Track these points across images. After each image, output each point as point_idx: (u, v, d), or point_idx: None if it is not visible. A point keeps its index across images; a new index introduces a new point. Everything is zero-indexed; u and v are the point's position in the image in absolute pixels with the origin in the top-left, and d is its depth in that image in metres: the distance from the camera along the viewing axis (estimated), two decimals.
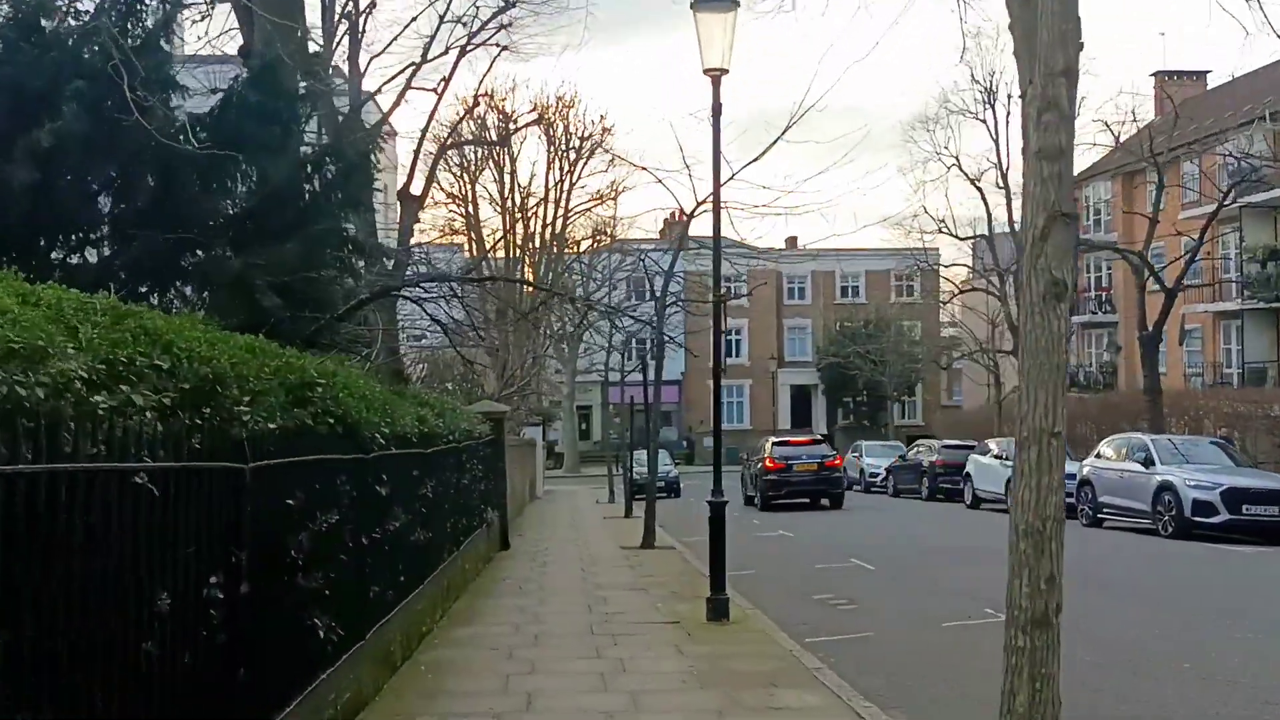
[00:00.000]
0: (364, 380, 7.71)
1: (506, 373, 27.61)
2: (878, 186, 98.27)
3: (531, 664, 8.70)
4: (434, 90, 21.52)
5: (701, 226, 27.81)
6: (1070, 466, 26.39)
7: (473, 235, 44.67)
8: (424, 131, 21.50)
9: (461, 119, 21.07)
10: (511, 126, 21.65)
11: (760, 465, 28.91)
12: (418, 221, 21.46)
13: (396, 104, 21.20)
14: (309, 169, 10.63)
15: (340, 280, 10.93)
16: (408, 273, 17.55)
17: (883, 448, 39.96)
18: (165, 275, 9.64)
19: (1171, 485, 19.89)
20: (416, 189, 21.82)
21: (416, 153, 21.54)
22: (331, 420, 6.15)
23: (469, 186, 44.08)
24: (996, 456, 27.01)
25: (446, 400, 13.82)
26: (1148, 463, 21.08)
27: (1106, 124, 38.52)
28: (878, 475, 37.05)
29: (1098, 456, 23.26)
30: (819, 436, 35.38)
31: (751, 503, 29.94)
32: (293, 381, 5.59)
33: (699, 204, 18.51)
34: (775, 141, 17.98)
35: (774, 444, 29.35)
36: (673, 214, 70.53)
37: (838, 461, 30.15)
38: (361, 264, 11.52)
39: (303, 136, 11.22)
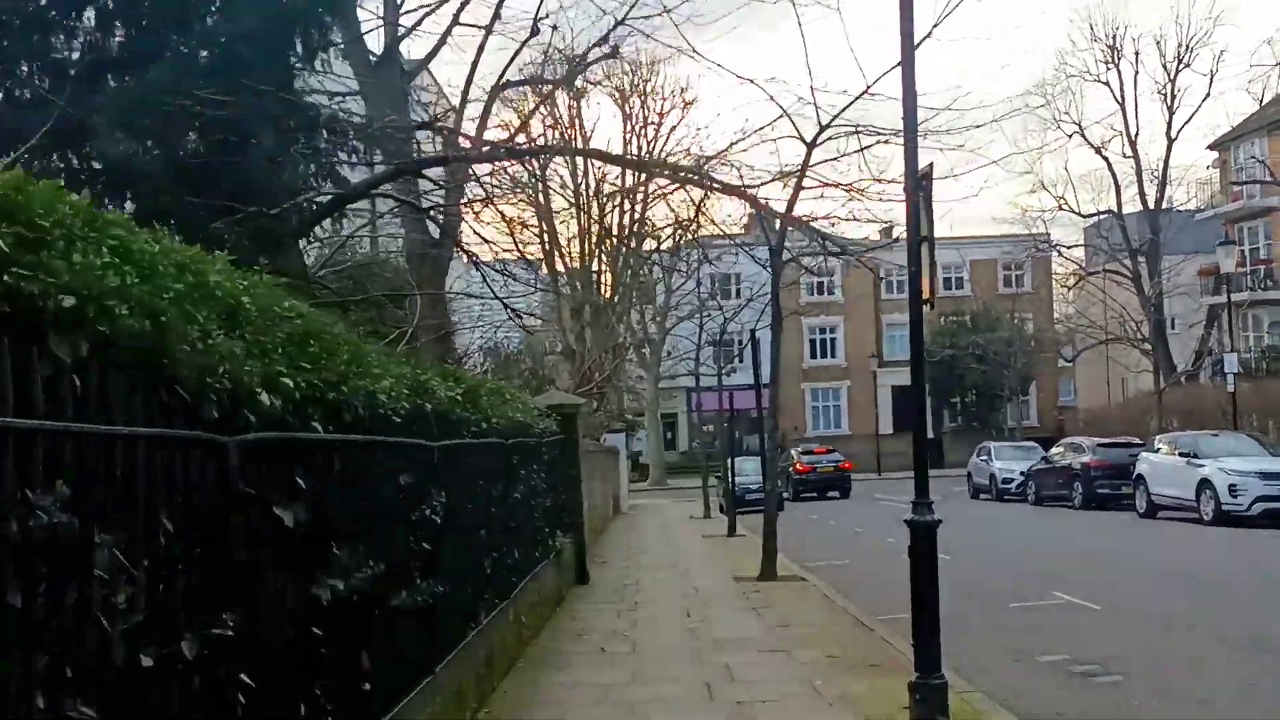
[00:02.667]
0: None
1: (583, 367, 23.53)
2: (987, 181, 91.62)
3: None
4: (484, 28, 17.59)
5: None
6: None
7: (544, 226, 40.75)
8: (471, 71, 17.49)
9: (520, 49, 17.17)
10: (580, 64, 17.75)
11: (792, 468, 36.24)
12: (469, 180, 17.47)
13: (443, 40, 17.30)
14: None
15: (287, 165, 6.87)
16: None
17: (1014, 449, 34.99)
18: None
19: None
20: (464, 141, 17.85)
21: (464, 96, 17.57)
22: None
23: (540, 170, 40.23)
24: (1183, 454, 22.11)
25: (483, 380, 9.70)
26: None
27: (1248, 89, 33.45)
28: (1012, 480, 32.14)
29: None
30: (831, 448, 41.99)
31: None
32: None
33: (825, 127, 14.16)
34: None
35: (800, 453, 38.57)
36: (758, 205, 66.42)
37: (847, 465, 38.64)
38: (335, 150, 7.44)
39: None
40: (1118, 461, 26.65)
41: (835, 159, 14.29)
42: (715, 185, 8.39)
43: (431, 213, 14.01)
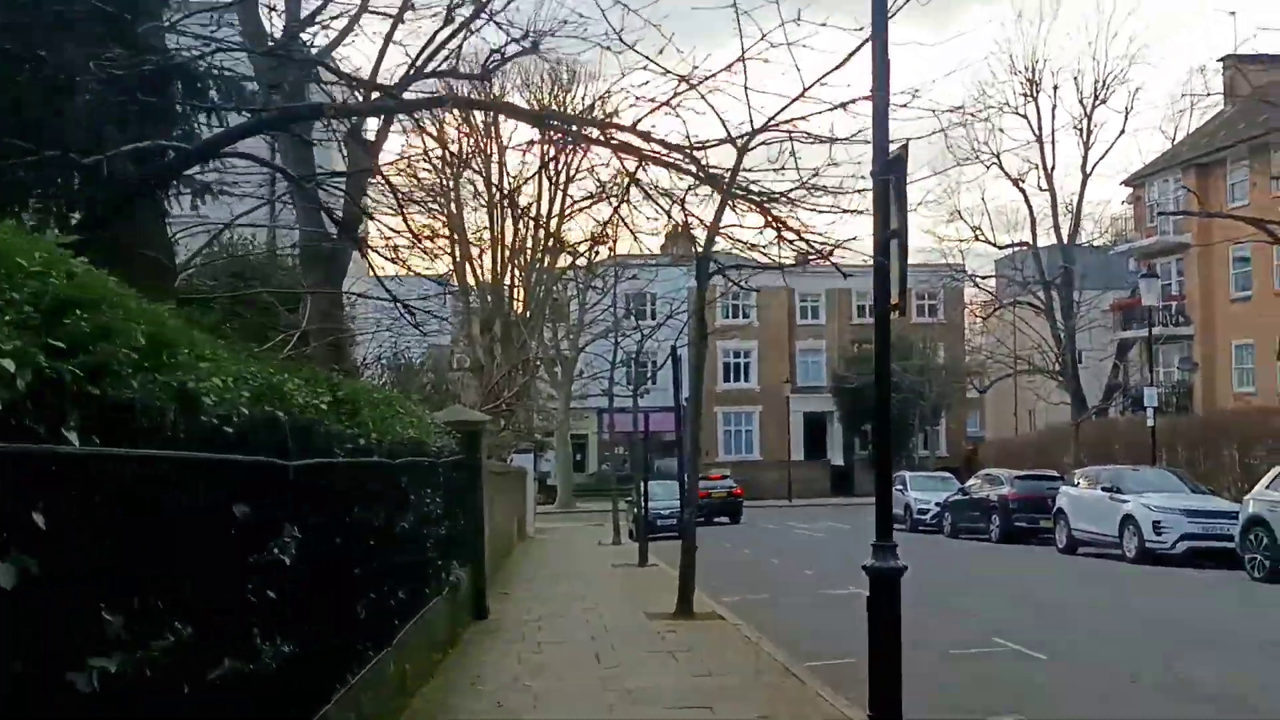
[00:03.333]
0: None
1: (491, 383, 22.22)
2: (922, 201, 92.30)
3: None
4: (394, 16, 16.29)
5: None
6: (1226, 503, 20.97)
7: (455, 238, 39.34)
8: (378, 62, 16.16)
9: (431, 40, 15.95)
10: (499, 57, 16.64)
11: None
12: (372, 177, 16.13)
13: (349, 27, 15.98)
14: None
15: (131, 120, 5.59)
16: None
17: (929, 479, 34.49)
18: None
19: None
20: (369, 134, 16.54)
21: (369, 87, 16.23)
22: None
23: (452, 183, 38.85)
24: (1106, 489, 21.58)
25: (369, 388, 8.44)
26: None
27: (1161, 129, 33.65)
28: (927, 512, 31.57)
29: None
30: (725, 473, 43.40)
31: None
32: None
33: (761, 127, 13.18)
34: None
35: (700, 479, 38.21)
36: (677, 226, 65.56)
37: (739, 491, 38.99)
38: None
39: None
40: (1036, 494, 26.20)
41: (775, 168, 13.38)
42: (657, 146, 7.29)
43: (321, 190, 12.68)
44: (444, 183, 38.88)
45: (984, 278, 49.74)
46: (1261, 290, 34.30)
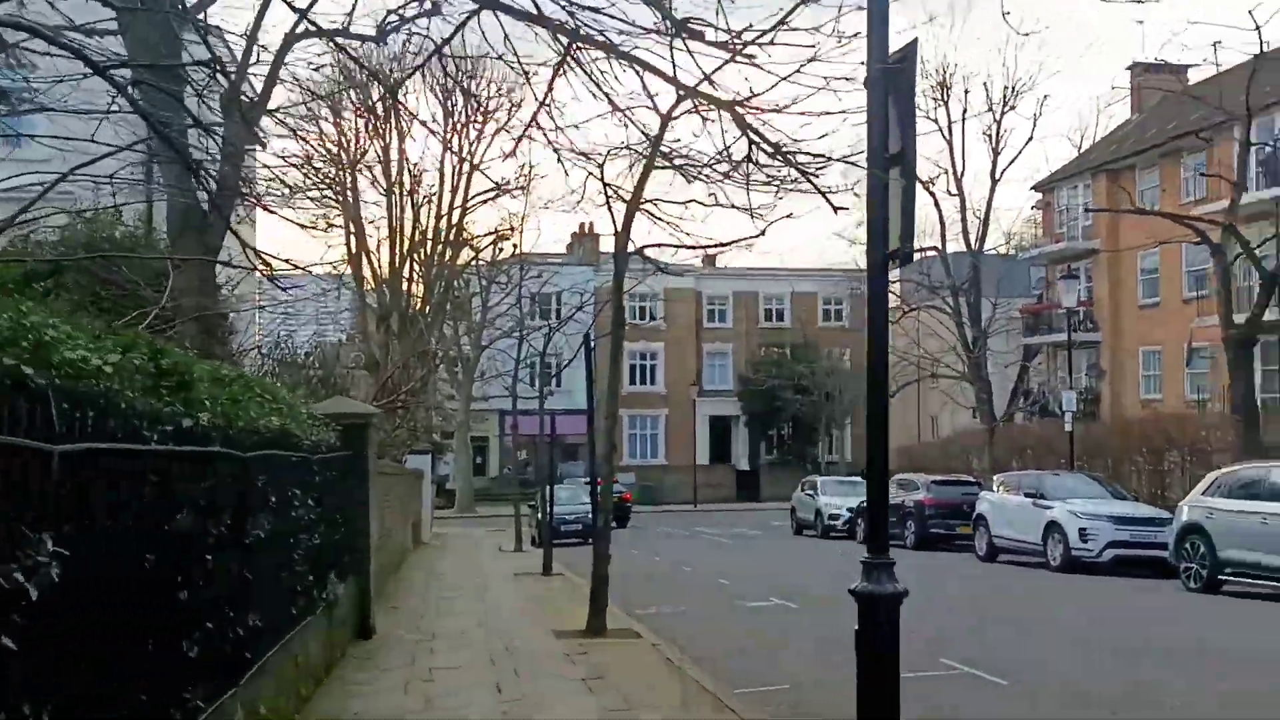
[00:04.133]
0: None
1: (385, 378, 20.55)
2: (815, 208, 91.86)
3: None
4: None
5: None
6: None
7: (352, 228, 37.42)
8: (259, 16, 14.49)
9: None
10: (397, 18, 15.16)
11: None
12: (256, 145, 14.49)
13: None
14: None
15: None
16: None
17: (840, 484, 33.62)
18: None
19: None
20: (253, 94, 14.89)
21: (248, 47, 14.56)
22: None
23: (347, 172, 36.90)
24: (1029, 495, 20.80)
25: (211, 365, 6.89)
26: None
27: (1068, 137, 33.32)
28: (839, 517, 30.67)
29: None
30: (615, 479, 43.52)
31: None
32: None
33: (672, 109, 11.91)
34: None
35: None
36: (582, 226, 64.05)
37: (628, 496, 40.51)
38: None
39: None
40: (952, 500, 25.51)
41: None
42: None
43: (183, 138, 11.03)
44: (340, 172, 36.99)
45: (891, 282, 49.21)
46: (1169, 297, 34.29)
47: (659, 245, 11.89)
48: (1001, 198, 64.48)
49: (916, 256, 37.61)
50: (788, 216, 12.36)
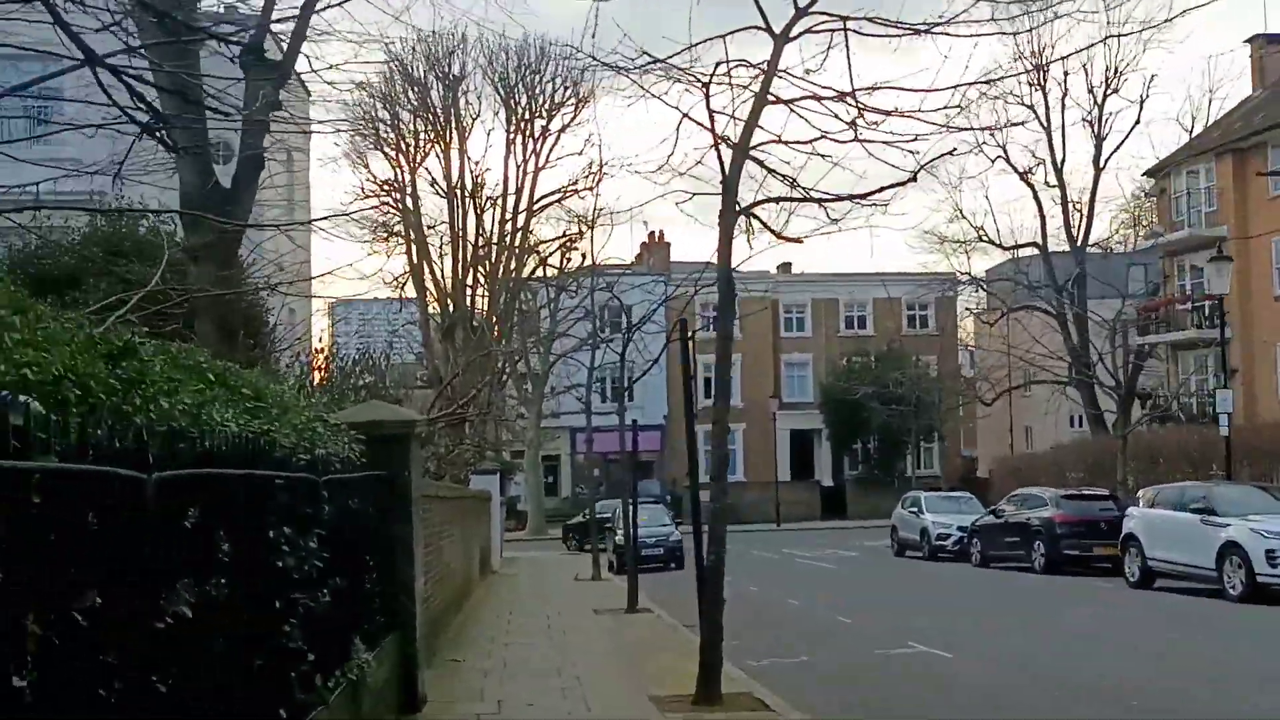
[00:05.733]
0: None
1: (446, 390, 18.13)
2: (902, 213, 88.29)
3: None
4: None
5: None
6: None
7: (411, 236, 35.37)
8: None
9: None
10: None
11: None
12: (277, 107, 12.19)
13: None
14: None
15: None
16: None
17: (945, 500, 30.62)
18: None
19: None
20: (277, 52, 12.66)
21: None
22: None
23: (409, 171, 34.88)
24: (1196, 510, 17.73)
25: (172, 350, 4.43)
26: None
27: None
28: (949, 536, 27.70)
29: None
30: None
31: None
32: None
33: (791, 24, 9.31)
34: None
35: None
36: (651, 236, 61.45)
37: None
38: None
39: None
40: (1087, 516, 22.51)
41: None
42: None
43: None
44: (397, 173, 34.98)
45: (989, 283, 46.00)
46: None
47: (780, 199, 9.23)
48: (1104, 188, 60.73)
49: (1011, 254, 34.12)
50: (950, 153, 9.76)
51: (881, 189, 8.93)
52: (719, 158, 9.02)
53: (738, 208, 9.31)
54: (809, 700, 9.13)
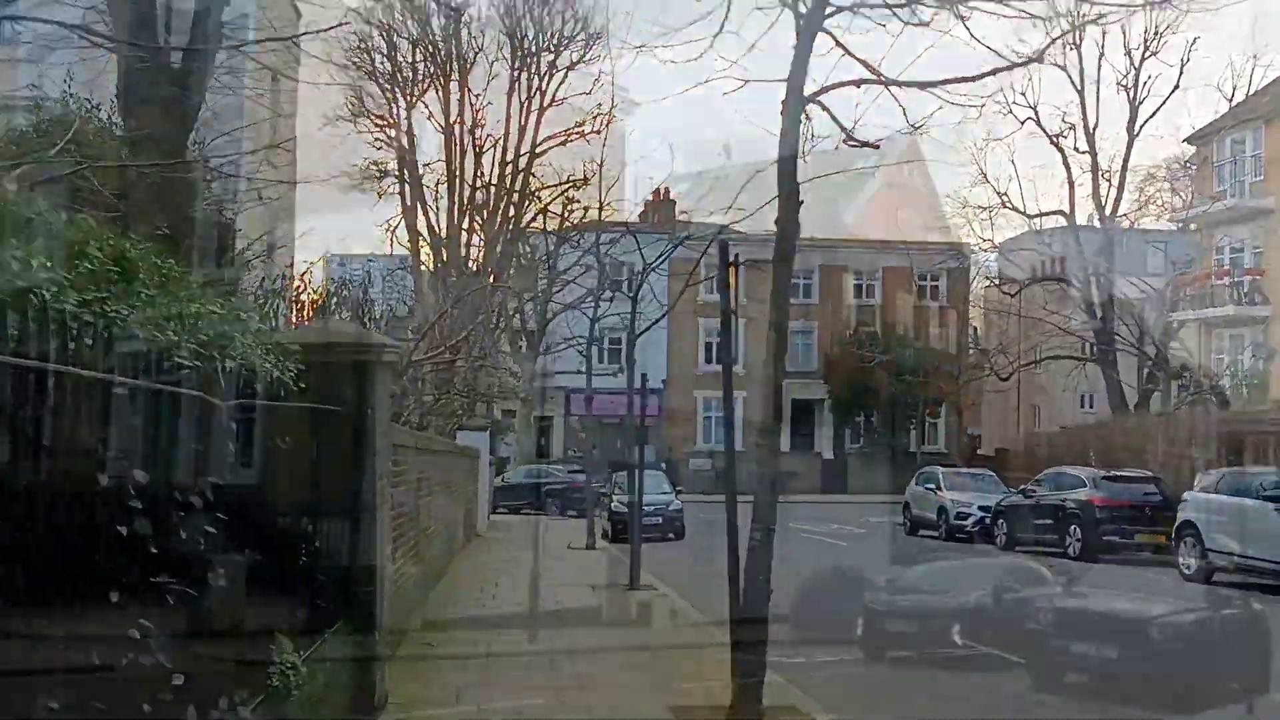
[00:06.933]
0: None
1: (432, 331, 16.13)
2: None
3: None
4: None
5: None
6: None
7: (406, 176, 33.23)
8: None
9: None
10: None
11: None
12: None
13: None
14: None
15: None
16: None
17: (965, 477, 28.74)
18: None
19: None
20: None
21: None
22: None
23: (404, 109, 32.69)
24: (1271, 498, 15.82)
25: None
26: None
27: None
28: (968, 516, 25.80)
29: None
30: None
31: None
32: None
33: None
34: None
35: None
36: (656, 193, 59.33)
37: None
38: None
39: None
40: (1130, 500, 20.63)
41: None
42: None
43: None
44: (392, 107, 32.83)
45: (1015, 251, 43.90)
46: None
47: (857, 82, 7.19)
48: (1138, 157, 58.38)
49: (1038, 219, 32.05)
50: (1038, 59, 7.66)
51: (995, 71, 6.89)
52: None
53: (807, 91, 7.28)
54: (856, 709, 7.23)
